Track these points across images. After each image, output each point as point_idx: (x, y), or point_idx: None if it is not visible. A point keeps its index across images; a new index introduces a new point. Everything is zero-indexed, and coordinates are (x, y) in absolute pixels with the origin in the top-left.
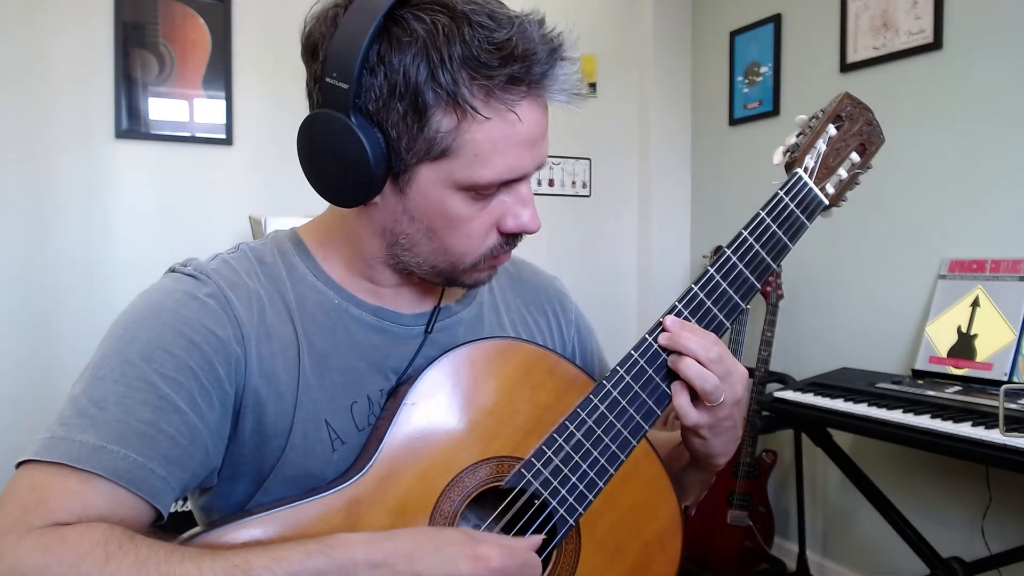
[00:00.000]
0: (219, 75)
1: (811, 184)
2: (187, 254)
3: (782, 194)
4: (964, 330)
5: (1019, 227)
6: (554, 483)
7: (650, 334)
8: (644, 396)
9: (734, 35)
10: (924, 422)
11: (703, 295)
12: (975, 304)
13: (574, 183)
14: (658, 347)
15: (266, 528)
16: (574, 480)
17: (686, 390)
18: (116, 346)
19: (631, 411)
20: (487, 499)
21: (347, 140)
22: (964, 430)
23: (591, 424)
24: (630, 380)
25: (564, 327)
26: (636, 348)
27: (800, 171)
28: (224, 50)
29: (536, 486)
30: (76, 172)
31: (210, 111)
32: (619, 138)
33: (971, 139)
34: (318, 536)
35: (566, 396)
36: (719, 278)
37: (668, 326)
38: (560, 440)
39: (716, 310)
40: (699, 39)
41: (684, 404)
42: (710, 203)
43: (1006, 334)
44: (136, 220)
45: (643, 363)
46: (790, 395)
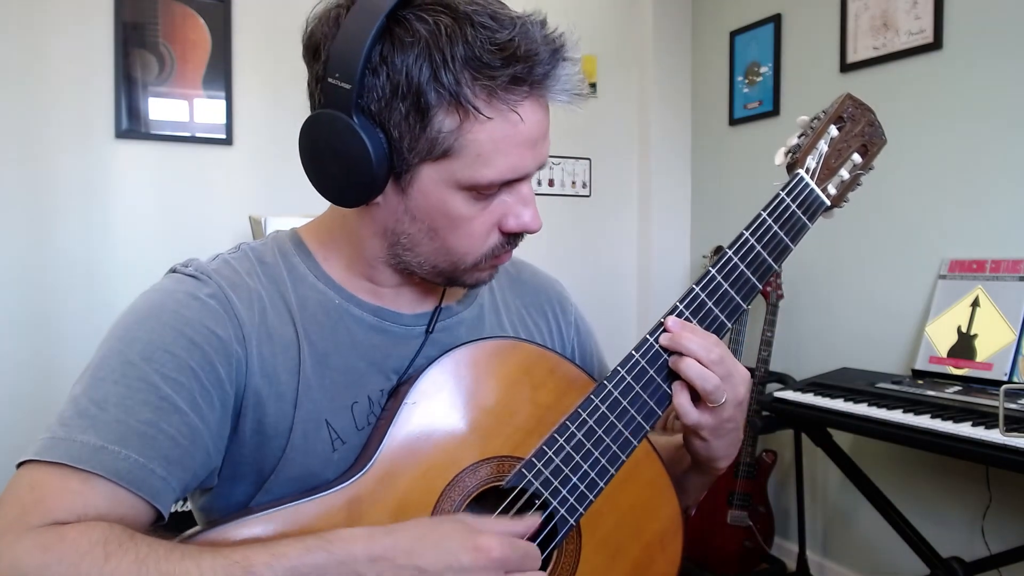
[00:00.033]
0: (219, 75)
1: (813, 185)
2: (187, 254)
3: (783, 195)
4: (964, 330)
5: (1019, 227)
6: (555, 483)
7: (651, 334)
8: (645, 396)
9: (734, 35)
10: (924, 422)
11: (704, 295)
12: (975, 304)
13: (574, 183)
14: (659, 348)
15: (266, 527)
16: (575, 480)
17: (686, 390)
18: (117, 347)
19: (632, 411)
20: (488, 499)
21: (349, 140)
22: (964, 430)
23: (592, 424)
24: (631, 380)
25: (564, 328)
26: (637, 348)
27: (802, 172)
28: (224, 50)
29: (537, 486)
30: (76, 172)
31: (210, 111)
32: (619, 138)
33: (971, 139)
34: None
35: (567, 396)
36: (720, 279)
37: (669, 327)
38: (561, 440)
39: (717, 311)
40: (699, 39)
41: (684, 403)
42: (710, 203)
43: (1006, 334)
44: (136, 220)
45: (644, 363)
46: (790, 395)
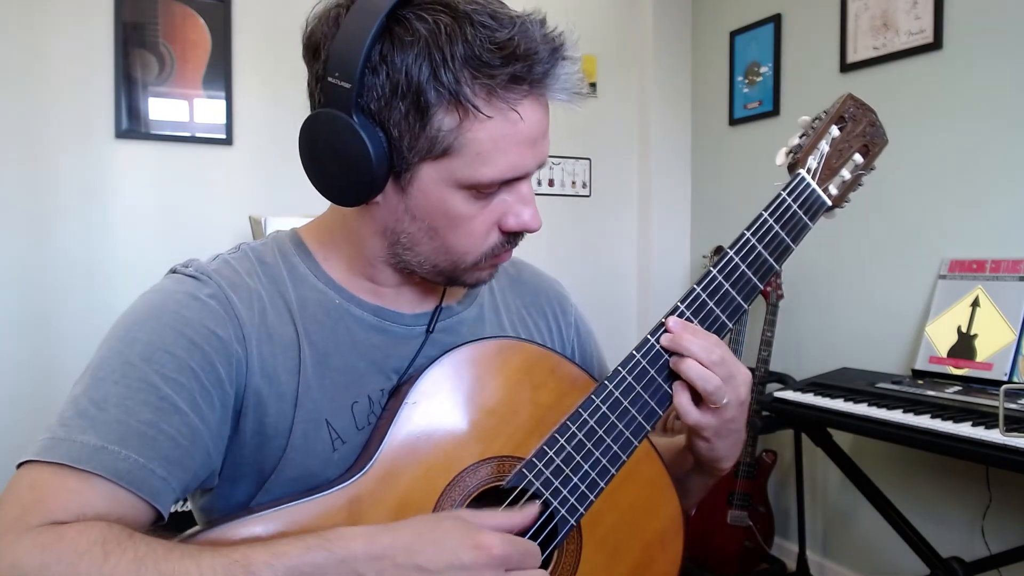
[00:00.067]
0: (219, 75)
1: (814, 185)
2: (187, 254)
3: (785, 195)
4: (964, 330)
5: (1019, 227)
6: (555, 483)
7: (652, 334)
8: (646, 397)
9: (734, 35)
10: (924, 422)
11: (705, 296)
12: (975, 304)
13: (574, 183)
14: (660, 348)
15: (266, 526)
16: (575, 480)
17: (687, 390)
18: (117, 347)
19: (633, 411)
20: (488, 499)
21: (349, 139)
22: (964, 430)
23: (593, 424)
24: (632, 380)
25: (564, 329)
26: (638, 348)
27: (803, 172)
28: (224, 50)
29: (537, 486)
30: (76, 172)
31: (210, 111)
32: (619, 138)
33: (971, 139)
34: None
35: (567, 396)
36: (721, 278)
37: (671, 327)
38: (562, 440)
39: (719, 311)
40: (699, 39)
41: (685, 403)
42: (710, 203)
43: (1006, 334)
44: (136, 220)
45: (645, 363)
46: (790, 395)
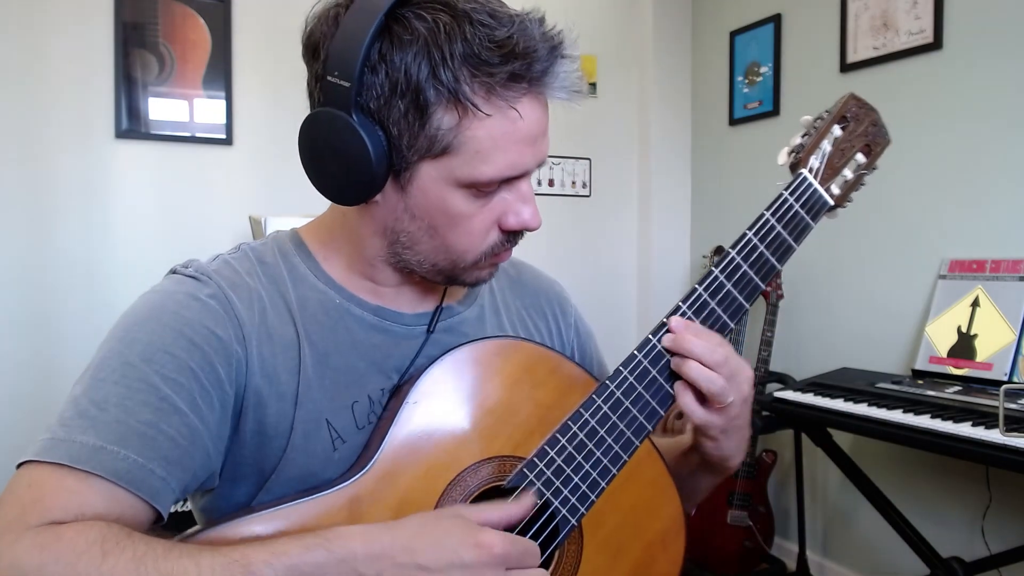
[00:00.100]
0: (219, 75)
1: (816, 185)
2: (187, 254)
3: (787, 194)
4: (964, 330)
5: (1019, 227)
6: (556, 483)
7: (654, 334)
8: (647, 397)
9: (734, 35)
10: (924, 422)
11: (707, 296)
12: (975, 304)
13: (574, 183)
14: (662, 348)
15: (266, 526)
16: (576, 480)
17: (690, 389)
18: (117, 347)
19: (634, 411)
20: (489, 499)
21: (349, 138)
22: (964, 430)
23: (594, 424)
24: (633, 380)
25: (563, 330)
26: (639, 348)
27: (805, 172)
28: (224, 50)
29: (539, 486)
30: (76, 172)
31: (210, 111)
32: (619, 138)
33: (971, 139)
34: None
35: (568, 396)
36: (723, 278)
37: (673, 327)
38: (563, 440)
39: (720, 311)
40: (699, 39)
41: (690, 403)
42: (710, 203)
43: (1006, 334)
44: (136, 220)
45: (646, 363)
46: (790, 395)
